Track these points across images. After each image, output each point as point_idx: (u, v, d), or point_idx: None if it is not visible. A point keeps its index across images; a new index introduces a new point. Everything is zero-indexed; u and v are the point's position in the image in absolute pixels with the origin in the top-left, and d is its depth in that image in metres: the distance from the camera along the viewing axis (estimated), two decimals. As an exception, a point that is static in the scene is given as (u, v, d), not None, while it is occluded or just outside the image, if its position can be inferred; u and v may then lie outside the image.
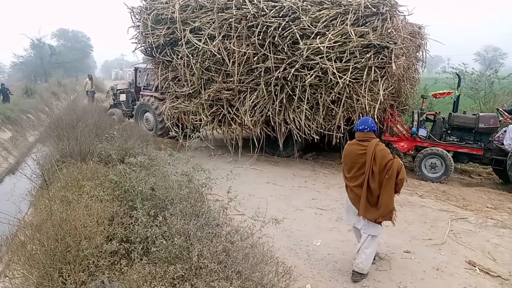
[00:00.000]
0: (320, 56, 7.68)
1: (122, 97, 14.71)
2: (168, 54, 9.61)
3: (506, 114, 8.14)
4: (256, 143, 9.24)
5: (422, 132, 8.42)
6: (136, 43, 10.25)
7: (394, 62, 7.53)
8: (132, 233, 3.42)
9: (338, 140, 8.52)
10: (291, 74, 7.95)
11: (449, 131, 8.30)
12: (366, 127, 4.07)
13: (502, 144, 7.71)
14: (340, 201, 6.68)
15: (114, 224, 3.58)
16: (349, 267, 4.43)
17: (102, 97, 23.97)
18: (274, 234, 4.66)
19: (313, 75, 7.82)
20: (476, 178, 8.77)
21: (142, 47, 10.24)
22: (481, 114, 8.26)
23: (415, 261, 4.56)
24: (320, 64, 7.68)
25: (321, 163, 9.52)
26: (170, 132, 11.68)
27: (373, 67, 7.59)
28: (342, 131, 8.33)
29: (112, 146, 6.13)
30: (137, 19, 10.13)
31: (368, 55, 7.56)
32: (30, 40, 37.61)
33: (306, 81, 7.88)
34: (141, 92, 13.04)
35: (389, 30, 7.47)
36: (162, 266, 2.95)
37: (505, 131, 7.75)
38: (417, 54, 10.41)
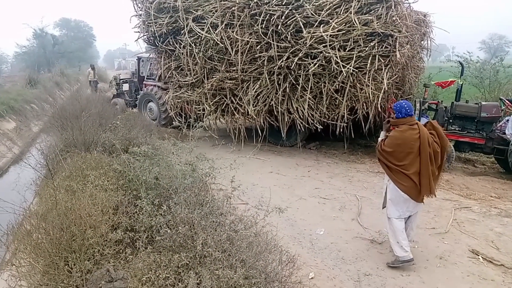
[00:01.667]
0: (323, 44, 7.59)
1: (125, 86, 14.67)
2: (171, 43, 9.53)
3: (509, 103, 8.06)
4: (260, 133, 9.23)
5: (424, 121, 8.36)
6: (138, 32, 10.20)
7: (399, 50, 7.46)
8: (137, 222, 3.45)
9: (341, 130, 8.51)
10: (294, 63, 7.89)
11: (451, 120, 8.23)
12: (411, 110, 4.09)
13: (504, 133, 7.65)
14: (343, 190, 6.69)
15: (119, 213, 3.61)
16: (352, 255, 4.46)
17: (105, 87, 23.94)
18: (278, 223, 4.66)
19: (317, 64, 7.75)
20: (480, 167, 8.74)
21: (145, 36, 10.18)
22: (483, 103, 8.16)
23: (418, 250, 4.57)
24: (324, 52, 7.60)
25: (324, 153, 9.51)
26: (173, 122, 11.67)
27: (377, 56, 7.51)
28: (346, 121, 8.30)
29: (116, 135, 6.13)
30: (139, 7, 10.05)
31: (372, 44, 7.47)
32: (33, 30, 37.54)
33: (310, 70, 7.81)
34: (144, 82, 13.01)
35: (393, 18, 7.37)
36: (167, 255, 2.97)
37: (507, 120, 7.68)
38: (422, 42, 10.29)
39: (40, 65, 35.17)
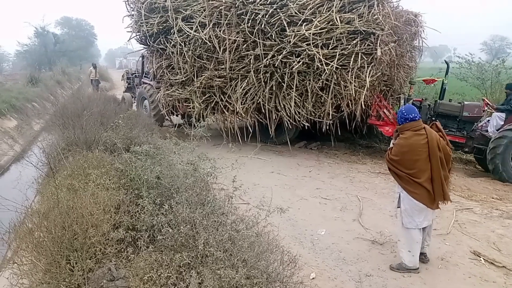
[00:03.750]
0: (307, 43, 7.65)
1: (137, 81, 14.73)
2: (162, 42, 9.63)
3: (490, 105, 8.13)
4: (251, 130, 9.34)
5: None
6: (131, 32, 10.29)
7: (381, 48, 7.48)
8: (138, 221, 3.44)
9: (328, 127, 8.58)
10: (278, 61, 7.96)
11: (433, 118, 8.29)
12: (416, 115, 3.91)
13: (486, 131, 7.79)
14: (344, 190, 6.68)
15: (121, 212, 3.60)
16: (353, 256, 4.46)
17: (107, 86, 23.98)
18: (279, 223, 4.68)
19: (301, 62, 7.82)
20: (481, 168, 8.72)
21: (137, 36, 10.27)
22: (466, 102, 8.31)
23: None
24: (307, 51, 7.65)
25: (326, 153, 9.51)
26: (165, 120, 11.71)
27: (359, 54, 7.56)
28: (332, 118, 8.35)
29: (117, 134, 6.13)
30: (131, 8, 10.19)
31: (354, 42, 7.53)
32: (34, 28, 37.43)
33: (294, 68, 7.89)
34: (142, 80, 13.08)
35: (375, 17, 7.41)
36: (168, 254, 2.97)
37: (488, 120, 7.88)
38: (413, 42, 10.26)
39: (41, 63, 35.11)
